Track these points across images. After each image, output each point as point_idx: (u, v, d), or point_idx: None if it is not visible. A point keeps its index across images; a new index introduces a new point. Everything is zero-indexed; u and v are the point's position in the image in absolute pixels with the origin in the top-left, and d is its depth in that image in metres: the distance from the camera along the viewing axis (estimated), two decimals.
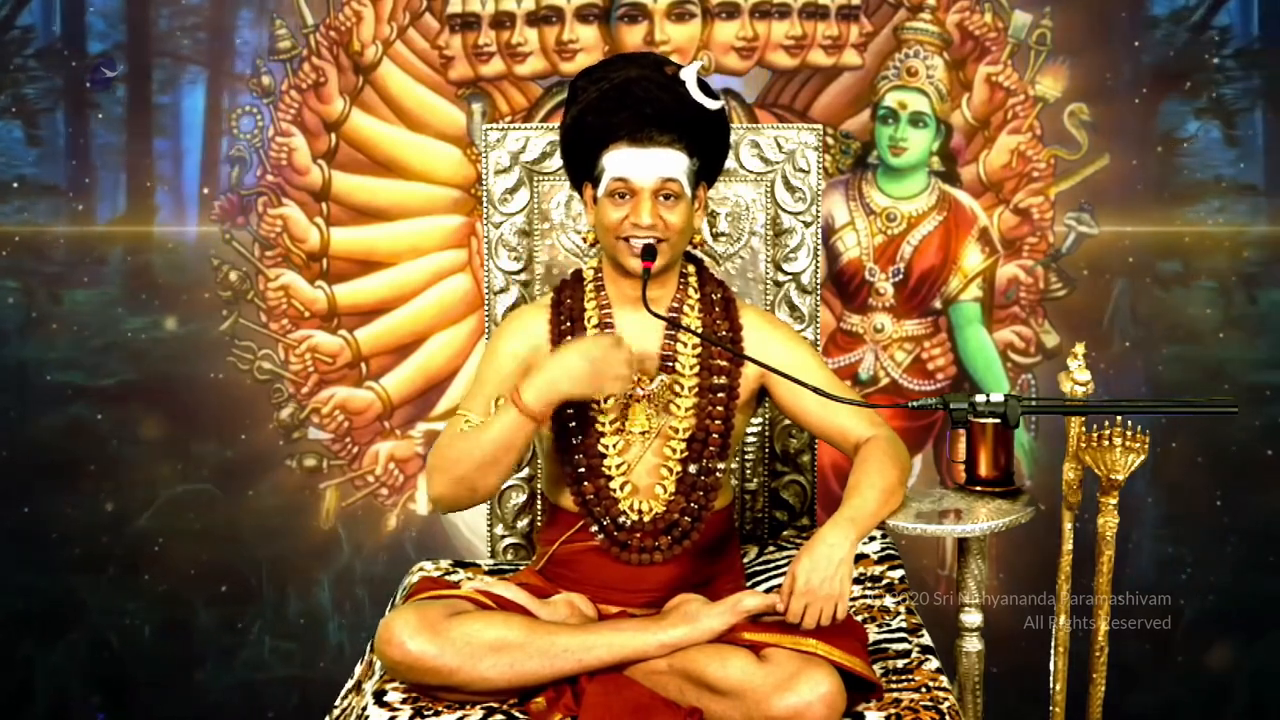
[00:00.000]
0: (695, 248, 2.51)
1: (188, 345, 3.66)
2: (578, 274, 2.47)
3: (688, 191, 2.33)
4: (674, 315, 2.39)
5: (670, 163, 2.30)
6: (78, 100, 3.63)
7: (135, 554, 3.68)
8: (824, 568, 2.13)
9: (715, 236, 2.79)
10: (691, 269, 2.45)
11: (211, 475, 3.68)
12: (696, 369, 2.38)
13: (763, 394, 2.44)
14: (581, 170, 2.39)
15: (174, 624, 3.70)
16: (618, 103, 2.30)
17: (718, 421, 2.37)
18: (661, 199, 2.30)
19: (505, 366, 2.38)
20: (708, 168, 2.40)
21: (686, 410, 2.37)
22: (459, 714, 2.15)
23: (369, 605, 3.69)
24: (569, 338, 2.38)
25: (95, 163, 3.65)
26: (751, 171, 2.78)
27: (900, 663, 2.31)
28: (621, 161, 2.30)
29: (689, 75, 2.33)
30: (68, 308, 3.66)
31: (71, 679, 3.72)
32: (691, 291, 2.42)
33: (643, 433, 2.36)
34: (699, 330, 2.37)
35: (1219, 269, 3.59)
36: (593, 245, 2.71)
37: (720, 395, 2.37)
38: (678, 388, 2.37)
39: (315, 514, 3.70)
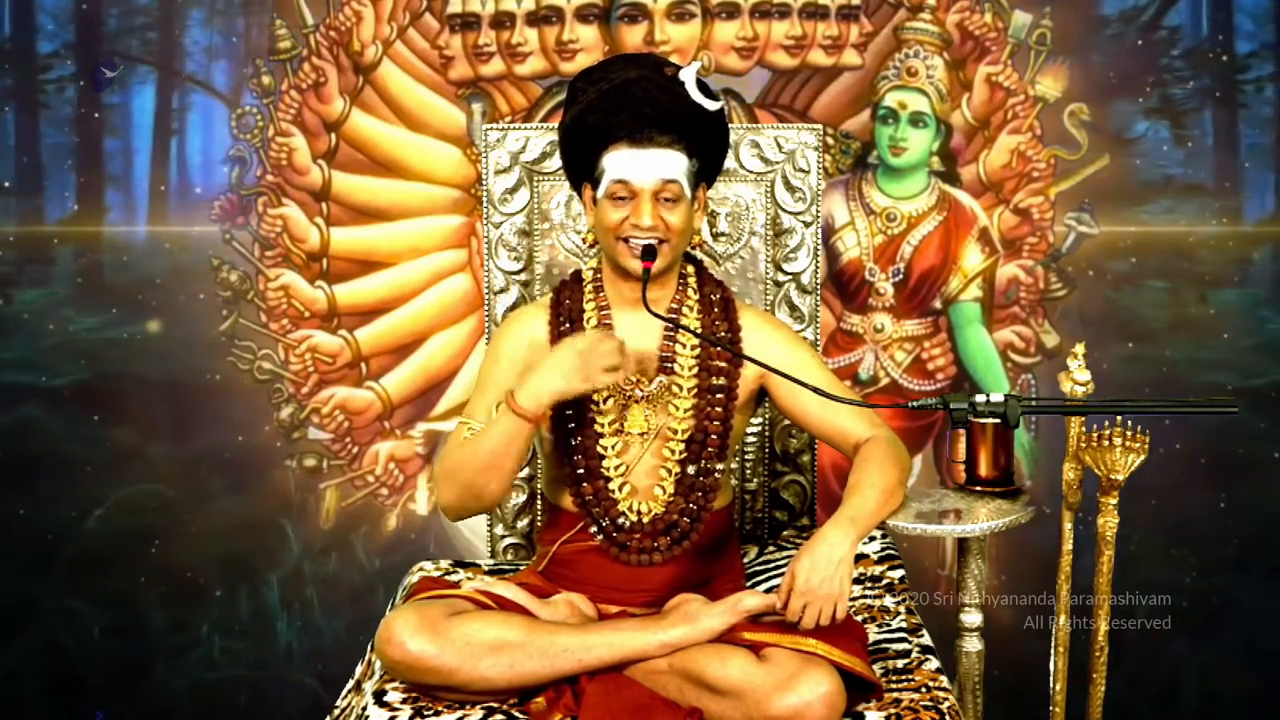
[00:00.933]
0: (695, 248, 2.50)
1: (139, 344, 3.65)
2: (577, 274, 2.47)
3: (688, 193, 2.33)
4: (673, 316, 2.39)
5: (670, 164, 2.30)
6: (28, 100, 3.63)
7: (87, 554, 3.68)
8: (824, 567, 2.13)
9: (715, 236, 2.79)
10: (691, 269, 2.45)
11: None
12: (695, 370, 2.38)
13: (762, 395, 2.44)
14: (581, 171, 2.39)
15: (128, 624, 3.70)
16: (617, 103, 2.30)
17: (716, 422, 2.37)
18: (662, 200, 2.30)
19: (505, 370, 2.38)
20: (707, 168, 2.40)
21: (685, 411, 2.36)
22: (459, 714, 2.15)
23: (318, 606, 3.70)
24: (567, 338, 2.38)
25: (45, 162, 3.64)
26: (751, 171, 2.78)
27: (900, 663, 2.31)
28: (621, 163, 2.30)
29: (688, 76, 2.32)
30: (17, 307, 3.66)
31: (26, 680, 3.71)
32: (691, 292, 2.42)
33: (641, 434, 2.36)
34: (698, 330, 2.37)
35: (1168, 269, 3.59)
36: (592, 246, 2.71)
37: (719, 396, 2.37)
38: (676, 389, 2.37)
39: (315, 514, 3.71)
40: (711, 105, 2.33)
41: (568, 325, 2.40)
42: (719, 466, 2.38)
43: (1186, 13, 3.57)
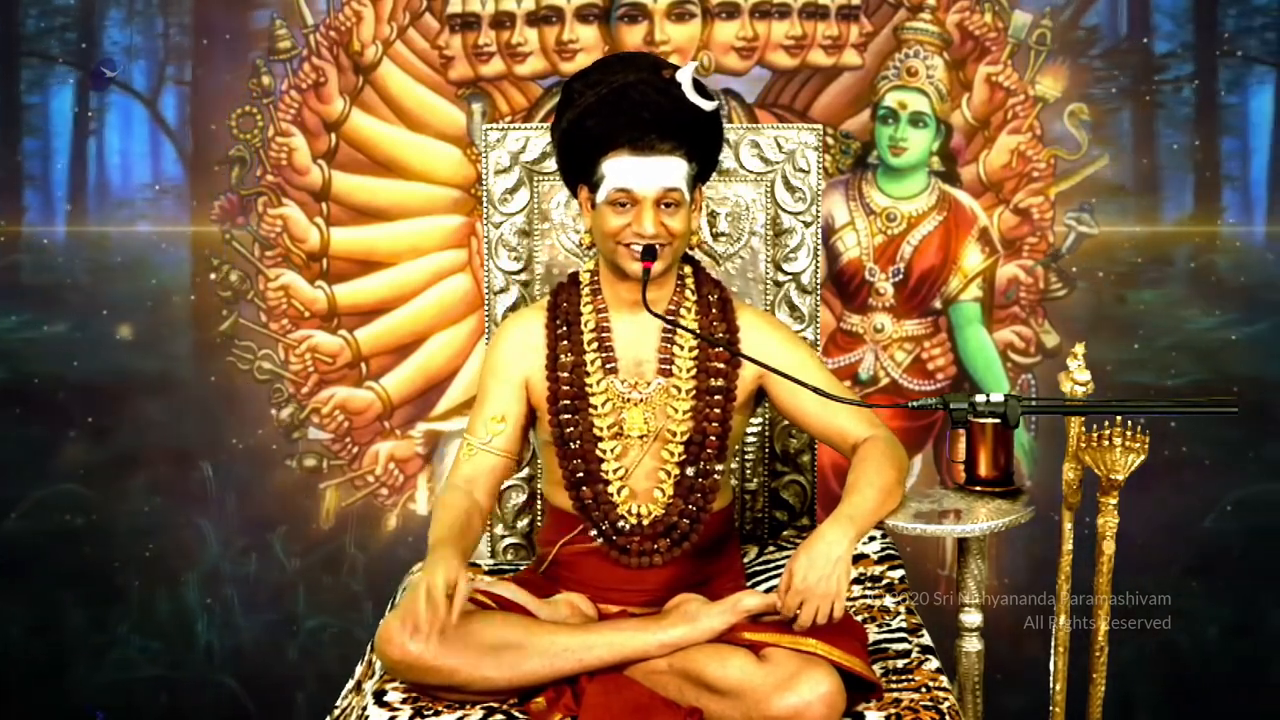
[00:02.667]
0: (694, 248, 2.50)
1: (56, 344, 3.65)
2: (574, 276, 2.47)
3: (687, 197, 2.32)
4: (671, 316, 2.38)
5: (672, 171, 2.29)
6: None
7: (4, 555, 3.68)
8: (821, 565, 2.13)
9: (715, 236, 2.79)
10: (688, 270, 2.45)
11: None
12: (693, 371, 2.38)
13: (761, 395, 2.44)
14: (578, 173, 2.38)
15: (47, 627, 3.70)
16: (615, 108, 2.28)
17: (715, 424, 2.36)
18: (663, 206, 2.30)
19: (502, 382, 2.39)
20: (704, 169, 2.40)
21: (684, 413, 2.36)
22: (459, 714, 2.15)
23: (238, 606, 3.72)
24: (564, 341, 2.38)
25: None
26: (751, 171, 2.78)
27: (900, 663, 2.31)
28: (623, 171, 2.28)
29: (684, 77, 2.32)
30: None
31: None
32: (689, 293, 2.42)
33: (640, 436, 2.36)
34: (697, 331, 2.37)
35: (1091, 269, 3.59)
36: (590, 247, 2.71)
37: (717, 397, 2.37)
38: (675, 390, 2.37)
39: (316, 514, 3.71)
40: (708, 105, 2.32)
41: (565, 328, 2.40)
42: (718, 467, 2.38)
43: (1105, 12, 3.57)
